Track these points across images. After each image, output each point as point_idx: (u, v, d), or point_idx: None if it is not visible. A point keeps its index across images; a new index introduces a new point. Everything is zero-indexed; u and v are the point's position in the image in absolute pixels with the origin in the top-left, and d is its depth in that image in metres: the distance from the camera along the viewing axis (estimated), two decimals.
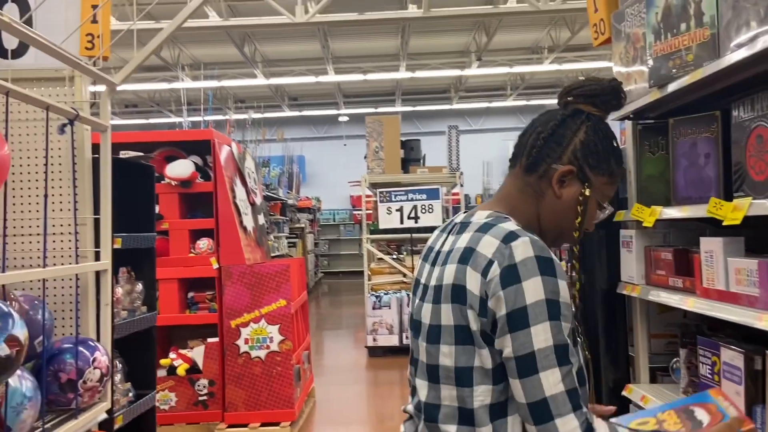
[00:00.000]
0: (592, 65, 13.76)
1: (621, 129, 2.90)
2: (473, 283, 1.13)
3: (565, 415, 1.05)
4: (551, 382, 1.05)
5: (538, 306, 1.07)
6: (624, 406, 2.46)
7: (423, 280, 1.27)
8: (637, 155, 2.41)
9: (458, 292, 1.14)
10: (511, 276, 1.08)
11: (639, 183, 2.39)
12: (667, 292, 2.17)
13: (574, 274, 1.40)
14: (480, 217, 1.23)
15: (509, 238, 1.12)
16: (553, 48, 12.84)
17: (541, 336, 1.06)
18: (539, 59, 13.55)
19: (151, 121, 17.38)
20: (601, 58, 13.12)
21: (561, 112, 1.26)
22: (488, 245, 1.13)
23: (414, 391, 1.27)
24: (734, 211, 1.72)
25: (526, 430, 1.11)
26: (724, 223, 1.76)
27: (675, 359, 2.29)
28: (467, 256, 1.15)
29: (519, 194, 1.26)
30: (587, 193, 1.22)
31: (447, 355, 1.15)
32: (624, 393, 2.43)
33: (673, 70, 2.01)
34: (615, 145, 1.26)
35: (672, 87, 2.03)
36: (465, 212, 1.30)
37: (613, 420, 1.32)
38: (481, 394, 1.12)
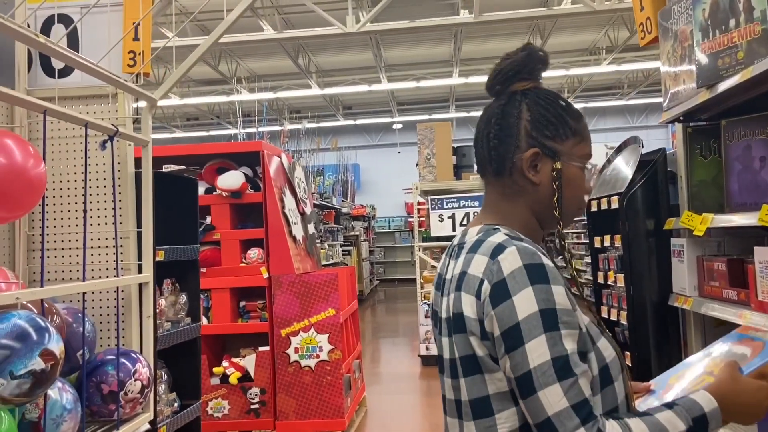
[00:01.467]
0: (653, 65, 13.29)
1: (672, 132, 2.76)
2: (468, 307, 1.07)
3: (574, 431, 0.97)
4: (552, 399, 0.98)
5: (531, 320, 1.00)
6: None
7: (439, 312, 1.21)
8: (688, 159, 2.28)
9: (458, 321, 1.10)
10: (500, 292, 1.02)
11: (690, 189, 2.26)
12: (721, 304, 2.03)
13: (571, 270, 1.28)
14: (471, 234, 1.16)
15: (496, 251, 1.06)
16: (611, 48, 12.49)
17: (536, 352, 0.99)
18: (597, 60, 13.20)
19: (212, 133, 17.90)
20: None
21: (497, 104, 1.19)
22: (478, 264, 1.08)
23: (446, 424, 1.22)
24: None
25: None
26: None
27: None
28: (461, 280, 1.10)
29: (503, 199, 1.19)
30: (558, 166, 1.14)
31: (464, 389, 1.11)
32: None
33: (723, 69, 1.89)
34: (562, 103, 1.18)
35: (722, 87, 1.91)
36: (462, 229, 1.24)
37: (652, 382, 1.27)
38: (507, 420, 1.06)
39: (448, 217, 7.30)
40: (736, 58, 1.83)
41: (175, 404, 2.72)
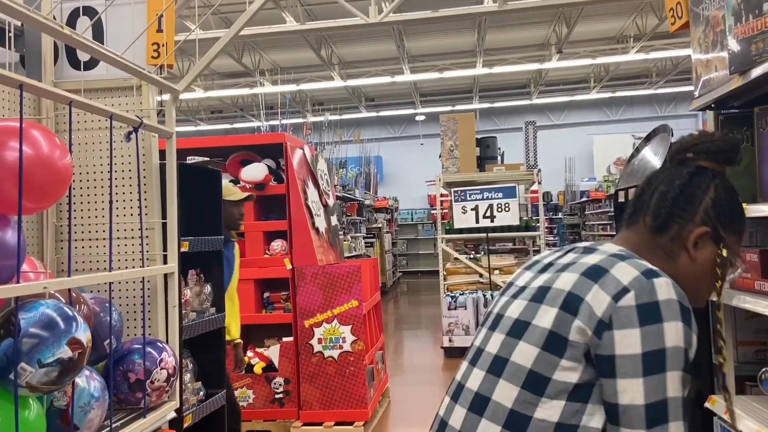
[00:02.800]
0: (681, 53, 13.03)
1: (703, 120, 2.70)
2: (598, 302, 1.05)
3: None
4: None
5: (676, 352, 1.01)
6: (707, 419, 2.28)
7: (520, 283, 1.22)
8: None
9: (573, 302, 1.07)
10: (651, 313, 1.02)
11: None
12: (753, 296, 1.98)
13: (720, 342, 1.36)
14: (611, 248, 1.18)
15: (650, 273, 1.07)
16: (639, 36, 12.26)
17: (673, 384, 1.01)
18: (625, 49, 12.97)
19: (236, 125, 18.04)
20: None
21: (686, 170, 1.21)
22: (625, 271, 1.07)
23: (464, 379, 1.19)
24: None
25: None
26: None
27: (764, 369, 2.10)
28: (596, 273, 1.09)
29: (647, 253, 1.20)
30: (724, 253, 1.18)
31: (525, 354, 1.09)
32: (707, 405, 2.25)
33: (757, 55, 1.83)
34: (740, 201, 1.23)
35: (756, 73, 1.85)
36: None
37: None
38: (550, 408, 1.05)
39: (471, 209, 7.25)
40: None
41: (201, 393, 2.74)
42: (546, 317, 1.09)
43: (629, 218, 1.24)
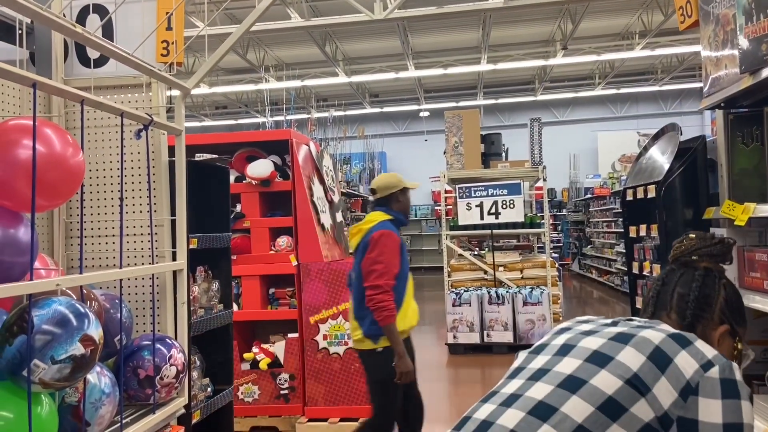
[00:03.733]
0: (687, 49, 12.98)
1: (712, 119, 2.69)
2: (687, 366, 1.14)
3: None
4: None
5: (749, 429, 1.12)
6: None
7: (565, 341, 1.28)
8: (729, 147, 2.22)
9: (661, 358, 1.16)
10: (732, 389, 1.12)
11: (731, 177, 2.20)
12: (762, 296, 1.98)
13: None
14: (666, 327, 1.26)
15: (721, 357, 1.17)
16: (644, 33, 12.21)
17: None
18: (630, 45, 12.92)
19: (240, 121, 18.04)
20: (698, 42, 12.33)
21: (696, 273, 1.35)
22: (706, 348, 1.18)
23: (520, 389, 1.22)
24: None
25: None
26: None
27: None
28: (682, 340, 1.19)
29: None
30: (740, 347, 1.33)
31: (576, 408, 1.13)
32: None
33: (767, 54, 1.82)
34: (740, 294, 1.38)
35: (766, 72, 1.85)
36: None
37: None
38: None
39: (476, 206, 7.25)
40: None
41: (209, 389, 2.76)
42: (609, 385, 1.14)
43: (655, 314, 1.36)
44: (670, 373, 1.13)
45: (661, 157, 2.65)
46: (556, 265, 8.24)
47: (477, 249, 8.83)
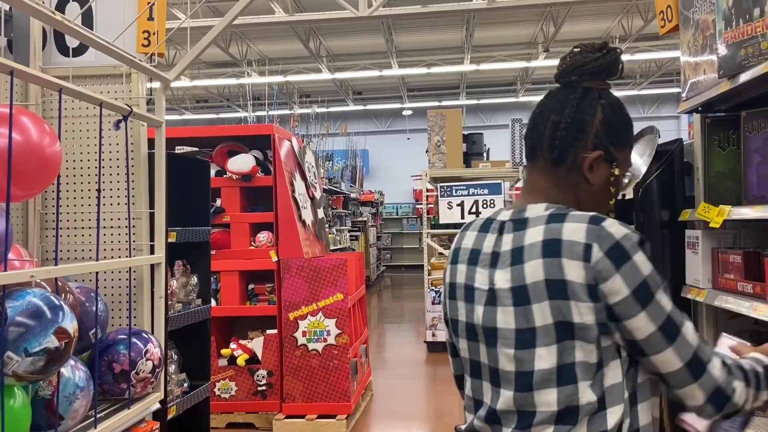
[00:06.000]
0: (665, 55, 13.17)
1: (689, 122, 2.73)
2: (575, 272, 1.07)
3: (712, 358, 1.09)
4: (691, 332, 1.09)
5: (652, 276, 1.08)
6: None
7: (477, 284, 1.18)
8: (706, 150, 2.25)
9: (556, 288, 1.08)
10: (620, 254, 1.06)
11: (707, 180, 2.24)
12: (735, 297, 2.02)
13: None
14: (537, 210, 1.16)
15: (596, 219, 1.10)
16: (625, 37, 12.36)
17: (664, 300, 1.08)
18: None
19: (221, 115, 17.90)
20: (676, 48, 12.48)
21: (571, 96, 1.20)
22: (576, 231, 1.09)
23: (479, 405, 1.20)
24: None
25: (637, 413, 1.11)
26: None
27: None
28: (554, 248, 1.09)
29: (552, 187, 1.21)
30: (617, 172, 1.20)
31: (546, 357, 1.09)
32: None
33: (746, 59, 1.85)
34: (626, 113, 1.24)
35: (744, 77, 1.88)
36: (503, 209, 1.23)
37: None
38: (587, 390, 1.09)
39: (457, 205, 7.28)
40: (759, 48, 1.80)
41: (185, 384, 2.74)
42: (544, 314, 1.09)
43: (529, 154, 1.24)
44: (573, 295, 1.07)
45: (638, 160, 2.68)
46: None
47: None
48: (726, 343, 1.32)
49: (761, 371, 1.13)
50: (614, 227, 1.08)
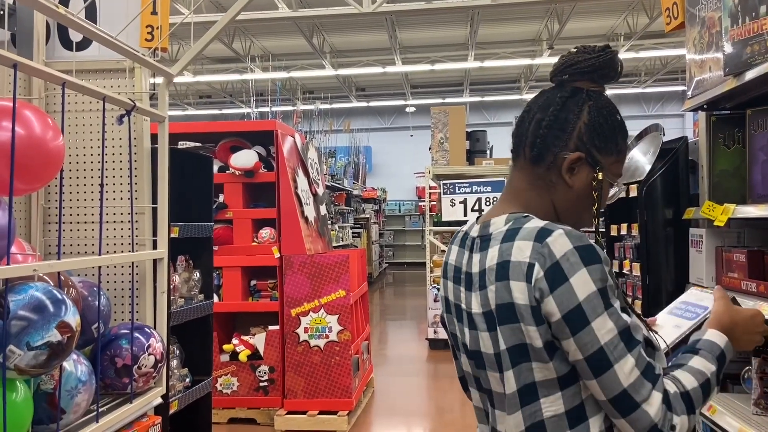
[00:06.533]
0: (671, 53, 13.12)
1: (694, 120, 2.72)
2: (519, 293, 1.05)
3: (649, 397, 1.02)
4: (626, 370, 1.02)
5: (591, 300, 1.01)
6: None
7: (463, 305, 1.19)
8: (711, 148, 2.24)
9: (507, 311, 1.07)
10: (556, 275, 1.02)
11: (711, 178, 2.23)
12: (739, 296, 2.01)
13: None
14: (498, 225, 1.14)
15: (542, 235, 1.05)
16: (629, 35, 12.31)
17: (603, 329, 1.01)
18: (615, 47, 12.99)
19: (224, 111, 17.89)
20: (682, 45, 12.43)
21: (559, 94, 1.17)
22: (522, 250, 1.06)
23: (487, 415, 1.21)
24: None
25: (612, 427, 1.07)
26: None
27: (746, 368, 2.13)
28: (504, 269, 1.08)
29: (530, 188, 1.18)
30: (600, 177, 1.15)
31: (509, 381, 1.10)
32: None
33: (752, 57, 1.84)
34: (619, 119, 1.19)
35: (750, 75, 1.87)
36: (477, 220, 1.21)
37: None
38: (552, 404, 1.07)
39: (460, 202, 7.26)
40: (765, 46, 1.79)
41: (187, 379, 2.74)
42: (504, 337, 1.09)
43: (514, 150, 1.22)
44: (521, 317, 1.05)
45: (643, 158, 2.67)
46: None
47: None
48: (693, 293, 1.38)
49: (710, 375, 1.08)
50: (559, 243, 1.03)
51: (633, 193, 2.54)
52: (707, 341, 1.13)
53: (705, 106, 2.27)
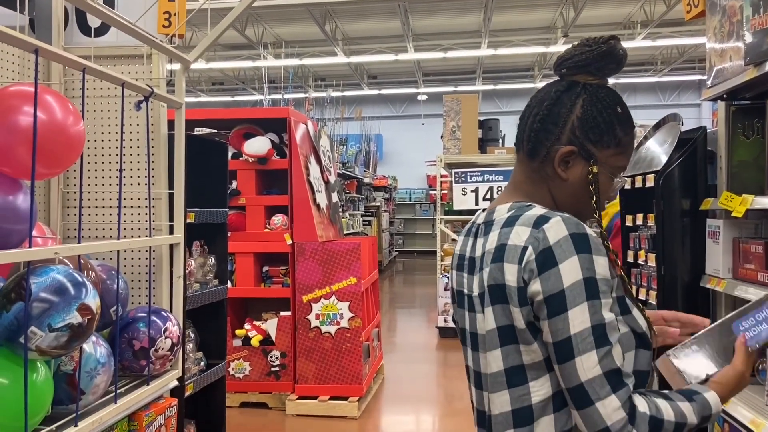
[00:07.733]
0: (689, 41, 12.95)
1: (713, 110, 2.70)
2: (510, 275, 1.07)
3: (605, 398, 1.01)
4: (588, 366, 1.02)
5: (575, 288, 1.02)
6: None
7: (465, 290, 1.21)
8: (729, 139, 2.23)
9: (498, 291, 1.10)
10: (547, 259, 1.04)
11: (730, 169, 2.21)
12: (756, 287, 2.00)
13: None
14: (501, 212, 1.16)
15: (540, 221, 1.07)
16: (646, 23, 12.16)
17: (577, 319, 1.02)
18: (631, 35, 12.87)
19: (237, 98, 17.91)
20: (700, 34, 12.29)
21: (555, 88, 1.17)
22: (520, 235, 1.08)
23: (480, 405, 1.23)
24: None
25: None
26: None
27: (761, 360, 2.13)
28: (501, 252, 1.10)
29: (528, 181, 1.20)
30: (595, 170, 1.14)
31: (495, 360, 1.12)
32: None
33: None
34: (619, 110, 1.16)
35: None
36: (485, 210, 1.23)
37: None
38: (541, 388, 1.08)
39: (472, 191, 7.25)
40: None
41: (202, 363, 2.77)
42: (495, 317, 1.11)
43: (516, 143, 1.23)
44: (511, 299, 1.07)
45: (660, 148, 2.65)
46: None
47: None
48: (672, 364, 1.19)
49: (688, 423, 1.05)
50: (554, 229, 1.05)
51: (649, 182, 2.53)
52: (704, 398, 1.09)
53: (725, 96, 2.25)
